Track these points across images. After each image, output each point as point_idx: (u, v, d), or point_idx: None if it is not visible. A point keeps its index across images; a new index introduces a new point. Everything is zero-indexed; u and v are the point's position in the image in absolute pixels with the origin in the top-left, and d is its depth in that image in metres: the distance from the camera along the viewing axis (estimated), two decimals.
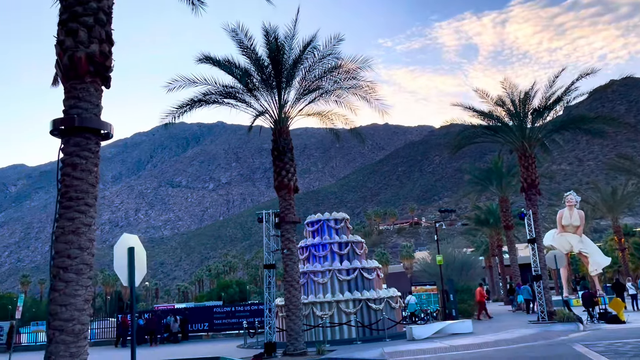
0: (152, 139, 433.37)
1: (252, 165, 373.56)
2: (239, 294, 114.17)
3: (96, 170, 7.60)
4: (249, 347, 20.78)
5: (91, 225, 7.40)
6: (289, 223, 17.59)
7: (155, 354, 21.62)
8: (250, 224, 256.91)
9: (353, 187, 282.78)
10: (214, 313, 29.88)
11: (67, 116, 7.41)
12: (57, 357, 6.79)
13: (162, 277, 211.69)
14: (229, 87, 18.20)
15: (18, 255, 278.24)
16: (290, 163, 17.89)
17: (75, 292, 7.03)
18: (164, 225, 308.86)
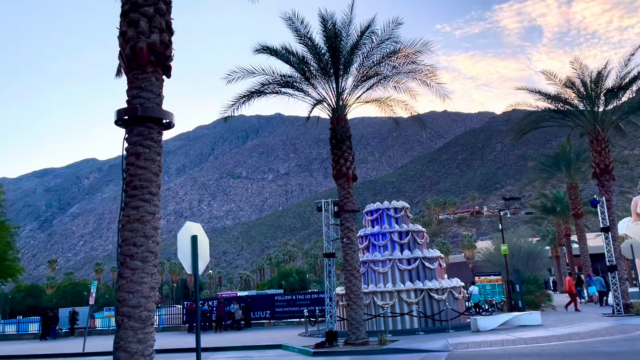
0: (213, 132, 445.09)
1: (309, 155, 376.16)
2: (299, 282, 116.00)
3: (159, 159, 7.69)
4: (310, 335, 20.87)
5: (155, 213, 7.51)
6: (348, 212, 17.41)
7: (220, 340, 22.16)
8: (308, 214, 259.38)
9: (411, 177, 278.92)
10: (276, 301, 30.29)
11: (130, 106, 7.53)
12: (126, 343, 6.96)
13: (225, 265, 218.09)
14: (287, 77, 18.16)
15: (92, 244, 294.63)
16: (349, 151, 17.68)
17: (141, 280, 7.17)
18: (226, 216, 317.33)
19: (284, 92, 18.53)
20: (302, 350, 16.52)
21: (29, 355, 22.16)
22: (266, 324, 29.70)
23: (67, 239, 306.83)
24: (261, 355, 16.73)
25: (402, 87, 18.87)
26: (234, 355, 17.43)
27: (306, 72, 17.92)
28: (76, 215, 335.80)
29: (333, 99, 18.05)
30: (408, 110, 19.50)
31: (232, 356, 17.10)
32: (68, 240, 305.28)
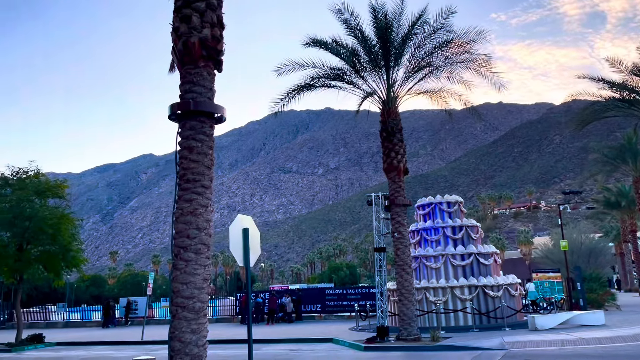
0: (264, 127, 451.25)
1: (359, 150, 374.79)
2: (349, 276, 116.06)
3: (211, 152, 7.78)
4: (361, 330, 20.78)
5: (208, 206, 7.60)
6: (399, 206, 17.14)
7: (272, 332, 22.44)
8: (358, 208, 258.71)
9: (465, 170, 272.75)
10: (326, 295, 30.36)
11: (182, 101, 7.64)
12: (180, 333, 7.09)
13: (277, 258, 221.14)
14: (336, 69, 18.03)
15: (150, 237, 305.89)
16: (400, 144, 17.39)
17: (194, 271, 7.28)
18: (277, 210, 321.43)
19: (334, 85, 18.42)
20: (353, 345, 16.46)
21: (93, 342, 23.21)
22: (317, 317, 29.82)
23: (127, 231, 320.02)
24: (312, 349, 16.78)
25: (455, 77, 18.36)
26: (285, 347, 17.59)
27: (356, 64, 17.74)
28: (135, 208, 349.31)
29: (383, 91, 17.79)
30: (462, 101, 18.96)
31: (283, 348, 17.26)
32: (128, 232, 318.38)
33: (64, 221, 23.45)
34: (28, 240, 22.99)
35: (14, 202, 22.58)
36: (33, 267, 23.56)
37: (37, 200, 23.50)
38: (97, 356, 18.12)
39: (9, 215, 22.00)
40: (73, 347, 22.38)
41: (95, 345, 22.22)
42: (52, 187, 23.91)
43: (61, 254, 23.43)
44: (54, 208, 24.02)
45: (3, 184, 23.69)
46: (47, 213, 22.92)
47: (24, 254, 22.82)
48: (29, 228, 22.43)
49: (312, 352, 15.97)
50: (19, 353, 20.73)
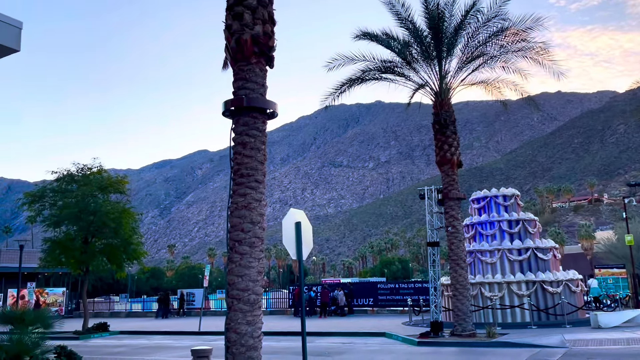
0: (315, 121, 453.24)
1: (411, 143, 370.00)
2: (401, 271, 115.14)
3: (264, 148, 7.90)
4: (414, 325, 20.59)
5: (261, 200, 7.74)
6: (452, 199, 16.83)
7: (325, 325, 22.61)
8: (410, 202, 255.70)
9: (521, 162, 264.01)
10: (379, 289, 30.25)
11: (236, 97, 7.80)
12: (236, 324, 7.27)
13: (328, 252, 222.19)
14: (387, 62, 17.85)
15: (205, 230, 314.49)
16: (453, 137, 17.05)
17: (249, 264, 7.44)
18: (328, 204, 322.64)
19: (385, 78, 18.24)
20: (406, 340, 16.34)
21: (153, 332, 24.18)
22: (369, 311, 29.78)
23: (184, 225, 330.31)
24: (365, 342, 16.80)
25: (511, 67, 17.79)
26: (338, 340, 17.68)
27: (407, 56, 17.49)
28: (191, 203, 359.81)
29: (436, 83, 17.47)
30: (518, 91, 18.34)
31: (336, 341, 17.36)
32: (184, 226, 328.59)
33: (125, 215, 24.52)
34: (93, 233, 24.16)
35: (80, 198, 23.77)
36: (97, 259, 24.74)
37: (100, 195, 24.65)
38: (158, 345, 18.85)
39: (75, 209, 23.19)
40: (135, 335, 23.38)
41: (155, 335, 23.13)
42: (113, 182, 25.00)
43: (123, 247, 24.51)
44: (115, 203, 25.14)
45: (69, 180, 24.96)
46: (109, 208, 24.02)
47: (89, 247, 24.02)
48: (93, 222, 23.57)
49: (365, 345, 15.99)
50: (86, 340, 21.87)
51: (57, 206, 24.36)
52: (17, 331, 9.80)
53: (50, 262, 24.45)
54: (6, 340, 9.59)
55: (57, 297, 39.50)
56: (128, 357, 15.45)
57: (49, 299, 38.77)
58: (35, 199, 24.55)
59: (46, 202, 24.65)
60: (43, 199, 24.57)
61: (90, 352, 17.18)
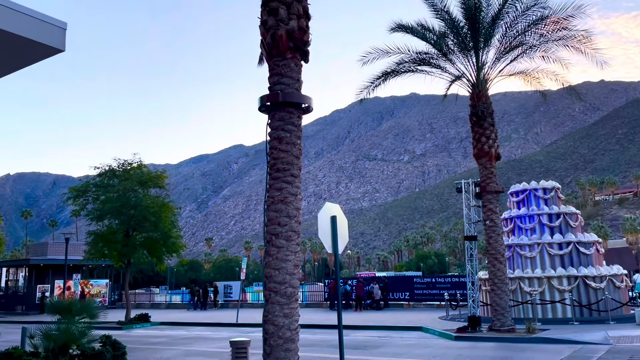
0: (349, 115, 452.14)
1: (447, 135, 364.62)
2: (437, 265, 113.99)
3: (299, 142, 7.96)
4: (451, 319, 20.39)
5: (297, 194, 7.81)
6: (490, 193, 16.53)
7: (360, 318, 22.64)
8: (447, 195, 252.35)
9: (562, 154, 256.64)
10: (415, 283, 30.06)
11: (271, 93, 7.87)
12: (273, 317, 7.37)
13: (363, 246, 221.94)
14: (423, 54, 17.62)
15: (241, 224, 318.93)
16: (491, 128, 16.72)
17: (285, 257, 7.53)
18: (363, 197, 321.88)
19: (420, 70, 18.02)
20: (444, 334, 16.21)
21: (192, 323, 24.74)
22: (405, 305, 29.64)
23: (221, 218, 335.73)
24: (401, 336, 16.75)
25: (551, 56, 17.29)
26: (374, 334, 17.69)
27: (443, 47, 17.23)
28: (227, 197, 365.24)
29: (473, 74, 17.15)
30: (558, 81, 17.82)
31: (372, 335, 17.37)
32: (221, 220, 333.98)
33: (164, 209, 25.13)
34: (133, 227, 24.86)
35: (121, 192, 24.50)
36: (138, 252, 25.47)
37: (140, 190, 25.32)
38: (197, 335, 19.29)
39: (117, 204, 23.91)
40: (175, 326, 23.98)
41: (194, 326, 23.66)
42: (153, 177, 25.64)
43: (162, 240, 25.14)
44: (155, 197, 25.78)
45: (111, 175, 25.73)
46: (149, 202, 24.66)
47: (130, 240, 24.73)
48: (134, 216, 24.26)
49: (401, 339, 15.94)
50: (129, 331, 22.57)
51: (99, 200, 25.19)
52: (65, 321, 10.21)
53: (94, 254, 25.30)
54: (54, 329, 10.01)
55: (100, 288, 40.88)
56: (169, 347, 15.87)
57: (93, 290, 40.16)
58: (80, 193, 25.43)
59: (89, 196, 25.51)
60: (87, 193, 25.44)
61: (133, 341, 17.72)
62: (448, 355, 12.31)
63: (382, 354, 12.87)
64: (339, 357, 7.44)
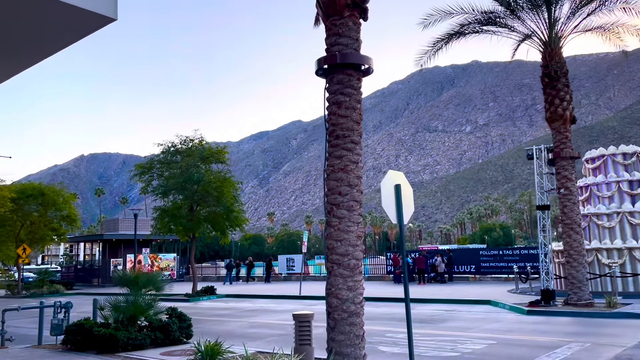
0: (408, 86, 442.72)
1: (511, 103, 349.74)
2: (503, 237, 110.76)
3: (359, 107, 7.50)
4: (521, 293, 19.50)
5: (358, 162, 7.39)
6: (565, 159, 15.40)
7: (424, 291, 22.14)
8: (512, 166, 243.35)
9: (637, 119, 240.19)
10: (481, 255, 29.09)
11: (329, 54, 7.42)
12: (337, 290, 7.07)
13: (424, 219, 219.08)
14: (489, 13, 16.49)
15: (302, 199, 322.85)
16: (565, 89, 15.50)
17: (347, 228, 7.17)
18: (423, 170, 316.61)
19: (486, 31, 16.91)
20: (514, 308, 15.47)
21: (256, 295, 25.11)
22: (471, 278, 28.80)
23: (281, 194, 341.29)
24: (468, 310, 16.15)
25: (633, 8, 15.68)
26: (440, 307, 17.18)
27: (512, 4, 16.01)
28: (287, 173, 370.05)
29: (544, 32, 15.88)
30: None
31: (438, 308, 16.88)
32: (282, 195, 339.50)
33: (226, 184, 25.45)
34: (197, 202, 25.38)
35: (184, 168, 24.97)
36: (202, 227, 26.03)
37: (202, 165, 25.72)
38: (261, 307, 19.52)
39: (180, 179, 24.42)
40: (239, 298, 24.46)
41: (258, 298, 24.02)
42: (214, 153, 25.95)
43: (225, 214, 25.53)
44: (217, 172, 26.14)
45: (174, 152, 26.27)
46: (211, 177, 25.04)
47: (194, 215, 25.28)
48: (197, 191, 24.73)
49: (469, 313, 15.36)
50: (196, 303, 23.22)
51: (164, 177, 25.84)
52: (132, 293, 10.43)
53: (161, 229, 26.10)
54: (122, 301, 10.24)
55: (169, 262, 42.48)
56: (234, 319, 16.10)
57: (162, 264, 41.80)
58: (145, 170, 26.19)
59: (154, 173, 26.22)
60: (151, 170, 26.15)
61: (199, 313, 18.15)
62: (522, 330, 11.66)
63: (450, 328, 12.39)
64: (407, 330, 7.05)
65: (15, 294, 32.34)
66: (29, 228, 34.61)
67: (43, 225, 35.27)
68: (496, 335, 10.99)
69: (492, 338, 10.68)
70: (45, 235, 35.98)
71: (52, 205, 34.71)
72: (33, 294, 30.59)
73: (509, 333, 11.35)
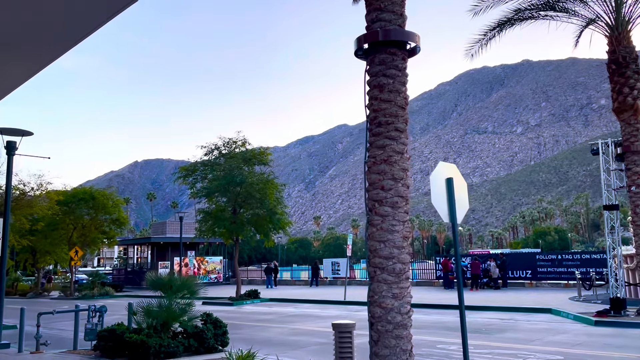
0: (455, 87, 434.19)
1: (564, 103, 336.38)
2: (558, 242, 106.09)
3: (404, 90, 6.63)
4: (584, 301, 17.94)
5: (403, 153, 6.52)
6: (636, 153, 13.89)
7: (478, 298, 20.84)
8: (566, 168, 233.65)
9: None
10: (537, 260, 27.35)
11: (369, 31, 6.60)
12: (380, 298, 6.22)
13: (474, 223, 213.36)
14: None
15: (348, 202, 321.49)
16: (636, 77, 13.99)
17: (392, 228, 6.30)
18: (473, 173, 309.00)
19: (543, 16, 15.60)
20: (579, 318, 14.08)
21: (301, 300, 24.44)
22: (527, 284, 27.11)
23: (328, 198, 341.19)
24: (527, 319, 14.86)
25: None
26: (495, 315, 15.95)
27: None
28: (334, 177, 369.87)
29: (611, 14, 14.45)
30: None
31: (493, 316, 15.66)
32: (328, 199, 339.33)
33: (269, 186, 24.98)
34: (240, 204, 25.01)
35: (227, 170, 24.67)
36: (246, 229, 25.63)
37: (245, 167, 25.34)
38: (304, 313, 18.81)
39: (223, 182, 24.12)
40: (283, 303, 23.86)
41: (303, 303, 23.34)
42: (257, 154, 25.55)
43: (268, 217, 25.04)
44: (260, 174, 25.71)
45: (218, 154, 26.05)
46: (254, 179, 24.61)
47: (237, 217, 24.92)
48: (240, 193, 24.36)
49: (528, 323, 14.10)
50: (239, 307, 22.80)
51: (207, 179, 25.64)
52: (166, 297, 9.91)
53: (205, 232, 25.89)
54: (155, 306, 9.73)
55: (215, 265, 42.59)
56: (275, 325, 15.45)
57: (208, 267, 41.95)
58: (189, 173, 26.09)
59: (198, 175, 26.07)
60: (195, 172, 26.01)
61: (240, 318, 17.64)
62: (592, 345, 10.40)
63: (509, 339, 11.25)
64: (462, 342, 6.12)
65: (68, 295, 33.08)
66: (81, 231, 35.44)
67: (94, 229, 36.06)
68: (563, 350, 9.81)
69: (558, 352, 9.52)
70: (96, 238, 36.79)
71: (102, 208, 35.44)
72: (85, 296, 31.17)
73: (577, 347, 10.12)
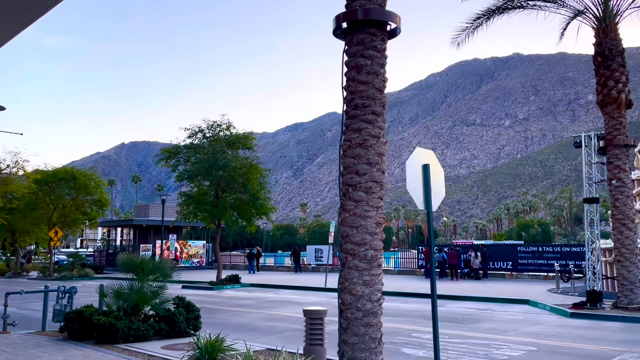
0: (446, 78, 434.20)
1: (553, 97, 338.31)
2: (541, 234, 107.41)
3: (382, 72, 6.44)
4: (562, 293, 18.04)
5: (380, 137, 6.35)
6: (618, 147, 13.90)
7: (457, 288, 20.89)
8: (552, 162, 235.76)
9: None
10: (519, 252, 27.52)
11: (348, 10, 6.39)
12: (351, 284, 6.09)
13: (459, 214, 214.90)
14: None
15: (335, 190, 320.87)
16: (621, 70, 13.96)
17: (365, 214, 6.16)
18: (459, 164, 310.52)
19: (532, 6, 15.44)
20: (556, 309, 14.14)
21: (281, 286, 24.32)
22: (507, 275, 27.28)
23: (315, 185, 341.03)
24: (505, 310, 14.90)
25: None
26: (473, 305, 15.97)
27: None
28: (322, 164, 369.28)
29: (599, 6, 14.34)
30: None
31: (470, 306, 15.67)
32: (316, 186, 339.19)
33: (252, 171, 24.70)
34: (223, 188, 24.74)
35: (210, 153, 24.34)
36: (228, 214, 25.39)
37: (229, 151, 25.03)
38: (283, 299, 18.71)
39: (206, 165, 23.80)
40: (264, 288, 23.74)
41: (283, 289, 23.24)
42: (240, 138, 25.22)
43: (251, 202, 24.80)
44: (244, 159, 25.41)
45: (202, 137, 25.67)
46: (238, 163, 24.32)
47: (220, 201, 24.65)
48: (223, 177, 24.08)
49: (505, 313, 14.12)
50: (219, 291, 22.65)
51: (190, 162, 25.29)
52: (138, 279, 9.71)
53: (186, 215, 25.60)
54: (126, 288, 9.52)
55: (198, 249, 42.32)
56: (253, 310, 15.33)
57: (191, 251, 41.67)
58: (171, 155, 25.70)
59: (181, 158, 25.69)
60: (178, 155, 25.64)
61: (219, 302, 17.49)
62: (566, 336, 10.41)
63: (484, 329, 11.23)
64: (432, 331, 6.01)
65: (47, 276, 32.64)
66: (61, 211, 34.92)
67: (75, 209, 35.56)
68: (537, 341, 9.79)
69: (532, 343, 9.49)
70: (76, 218, 36.28)
71: (84, 189, 34.92)
72: (63, 277, 30.76)
73: (551, 338, 10.12)
